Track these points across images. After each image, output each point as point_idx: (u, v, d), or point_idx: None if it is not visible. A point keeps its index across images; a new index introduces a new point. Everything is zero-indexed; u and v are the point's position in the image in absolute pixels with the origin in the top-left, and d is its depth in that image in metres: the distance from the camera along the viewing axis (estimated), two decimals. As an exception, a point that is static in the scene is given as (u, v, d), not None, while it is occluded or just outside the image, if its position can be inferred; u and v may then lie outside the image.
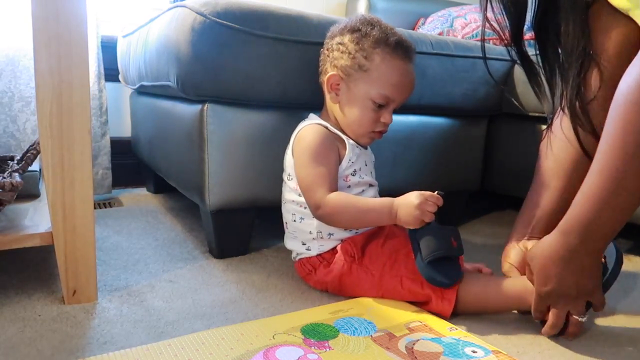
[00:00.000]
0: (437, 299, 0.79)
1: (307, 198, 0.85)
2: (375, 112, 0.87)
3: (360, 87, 0.86)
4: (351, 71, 0.86)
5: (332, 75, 0.87)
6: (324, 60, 0.90)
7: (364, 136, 0.90)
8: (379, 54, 0.85)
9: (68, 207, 0.76)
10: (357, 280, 0.84)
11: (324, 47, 0.92)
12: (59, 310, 0.77)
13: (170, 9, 1.00)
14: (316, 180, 0.83)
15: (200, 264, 1.00)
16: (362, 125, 0.88)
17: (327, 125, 0.89)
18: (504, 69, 1.28)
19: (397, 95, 0.87)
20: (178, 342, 0.67)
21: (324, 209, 0.82)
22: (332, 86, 0.88)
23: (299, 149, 0.87)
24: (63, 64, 0.72)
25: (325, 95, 0.92)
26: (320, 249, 0.88)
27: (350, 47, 0.86)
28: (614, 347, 0.73)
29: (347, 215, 0.82)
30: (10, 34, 1.33)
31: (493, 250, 1.17)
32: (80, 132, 0.75)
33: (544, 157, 0.87)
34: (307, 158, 0.85)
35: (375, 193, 0.94)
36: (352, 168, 0.89)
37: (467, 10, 1.74)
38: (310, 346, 0.67)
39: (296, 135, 0.90)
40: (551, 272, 0.70)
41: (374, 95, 0.85)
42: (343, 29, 0.88)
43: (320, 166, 0.84)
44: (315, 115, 0.93)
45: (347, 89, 0.87)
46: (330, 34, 0.91)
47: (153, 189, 1.60)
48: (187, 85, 0.93)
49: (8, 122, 1.36)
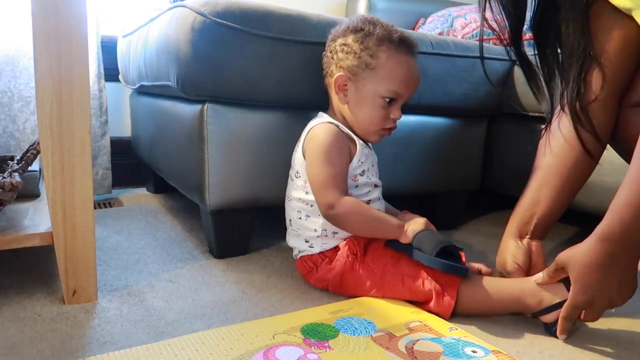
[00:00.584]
0: (437, 298, 0.79)
1: (318, 197, 0.85)
2: (385, 109, 0.88)
3: (368, 85, 0.87)
4: (358, 70, 0.86)
5: (339, 76, 0.88)
6: (328, 62, 0.91)
7: (374, 134, 0.91)
8: (384, 51, 0.86)
9: (68, 207, 0.76)
10: (359, 278, 0.84)
11: (326, 50, 0.92)
12: (59, 310, 0.77)
13: (170, 8, 1.00)
14: (329, 180, 0.84)
15: (200, 264, 1.00)
16: (373, 123, 0.89)
17: (339, 124, 0.89)
18: (503, 69, 1.28)
19: (405, 90, 0.88)
20: (178, 342, 0.67)
21: (338, 209, 0.83)
22: (340, 87, 0.89)
23: (312, 147, 0.87)
24: (63, 64, 0.72)
25: (331, 96, 0.92)
26: (323, 246, 0.88)
27: (355, 47, 0.86)
28: (614, 348, 0.73)
29: (359, 219, 0.84)
30: (10, 33, 1.33)
31: (493, 250, 1.16)
32: (80, 132, 0.75)
33: (543, 155, 0.86)
34: (320, 157, 0.85)
35: (380, 194, 0.94)
36: (361, 168, 0.89)
37: (467, 10, 1.74)
38: (310, 346, 0.67)
39: (308, 133, 0.90)
40: (592, 280, 0.68)
41: (383, 92, 0.86)
42: (345, 30, 0.89)
43: (332, 166, 0.85)
44: (325, 114, 0.93)
45: (355, 89, 0.88)
46: (332, 36, 0.91)
47: (153, 189, 1.60)
48: (187, 85, 0.93)
49: (8, 122, 1.35)
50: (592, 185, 1.14)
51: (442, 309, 0.79)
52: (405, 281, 0.81)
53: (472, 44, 1.22)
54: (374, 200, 0.92)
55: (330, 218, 0.84)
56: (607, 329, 0.79)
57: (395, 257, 0.83)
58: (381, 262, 0.83)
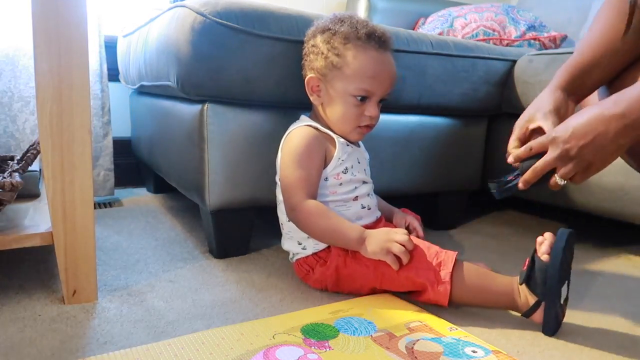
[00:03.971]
0: (432, 287, 0.79)
1: (285, 198, 0.87)
2: (357, 107, 0.87)
3: (337, 85, 0.87)
4: (326, 71, 0.87)
5: (310, 77, 0.89)
6: (304, 64, 0.91)
7: (351, 132, 0.91)
8: (350, 49, 0.85)
9: (68, 207, 0.76)
10: (353, 273, 0.85)
11: (303, 51, 0.92)
12: (59, 310, 0.77)
13: (170, 8, 1.00)
14: (296, 183, 0.85)
15: (200, 264, 1.00)
16: (346, 121, 0.89)
17: (317, 125, 0.90)
18: (503, 69, 1.28)
19: (377, 86, 0.87)
20: (178, 342, 0.67)
21: (299, 212, 0.84)
22: (313, 89, 0.90)
23: (285, 150, 0.89)
24: (63, 64, 0.72)
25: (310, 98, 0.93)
26: (316, 247, 0.88)
27: (322, 47, 0.87)
28: (615, 348, 0.73)
29: (318, 224, 0.84)
30: (10, 33, 1.33)
31: (493, 250, 1.17)
32: (80, 132, 0.75)
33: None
34: (290, 160, 0.86)
35: (370, 190, 0.95)
36: (343, 166, 0.90)
37: (467, 10, 1.74)
38: (310, 346, 0.67)
39: (285, 137, 0.91)
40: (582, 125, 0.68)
41: (352, 90, 0.86)
42: (315, 30, 0.89)
43: (302, 169, 0.85)
44: (305, 117, 0.94)
45: (326, 90, 0.88)
46: (306, 37, 0.92)
47: (153, 189, 1.60)
48: (187, 85, 0.93)
49: (8, 122, 1.35)
50: (592, 185, 1.14)
51: (438, 298, 0.79)
52: (400, 270, 0.81)
53: (472, 44, 1.23)
54: (362, 196, 0.92)
55: (293, 220, 0.86)
56: (607, 329, 0.79)
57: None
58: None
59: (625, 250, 1.22)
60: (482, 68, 1.22)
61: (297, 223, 0.86)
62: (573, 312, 0.84)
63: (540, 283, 0.74)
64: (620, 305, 0.88)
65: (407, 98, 1.13)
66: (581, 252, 1.18)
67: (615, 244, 1.27)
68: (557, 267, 0.73)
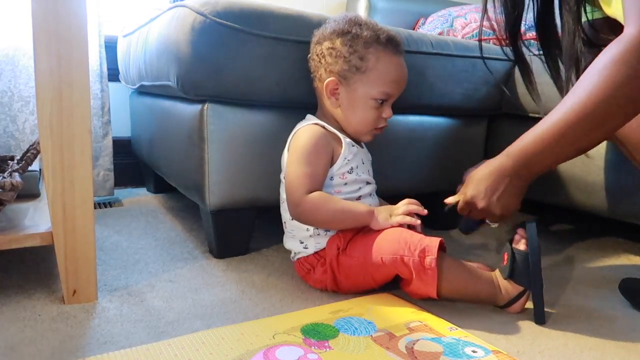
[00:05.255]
0: (418, 274, 0.79)
1: (288, 194, 0.86)
2: (377, 110, 0.89)
3: (360, 88, 0.87)
4: (348, 74, 0.87)
5: (330, 81, 0.88)
6: (317, 66, 0.91)
7: (367, 134, 0.92)
8: (373, 54, 0.86)
9: (68, 207, 0.76)
10: (347, 269, 0.85)
11: (311, 53, 0.92)
12: (59, 310, 0.77)
13: (170, 8, 1.00)
14: (301, 179, 0.85)
15: (200, 264, 1.00)
16: (366, 124, 0.90)
17: (325, 124, 0.90)
18: (504, 69, 1.28)
19: (396, 89, 0.90)
20: (178, 342, 0.67)
21: (303, 205, 0.84)
22: (332, 92, 0.89)
23: (293, 147, 0.89)
24: (63, 64, 0.72)
25: (321, 100, 0.92)
26: (317, 246, 0.88)
27: (343, 50, 0.87)
28: (615, 348, 0.73)
29: (327, 209, 0.84)
30: (10, 33, 1.33)
31: (493, 250, 1.17)
32: (80, 132, 0.75)
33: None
34: (298, 157, 0.86)
35: (372, 190, 0.95)
36: (349, 166, 0.90)
37: (467, 10, 1.74)
38: (310, 346, 0.67)
39: (293, 135, 0.91)
40: (483, 180, 0.83)
41: (375, 94, 0.87)
42: (332, 33, 0.89)
43: (308, 166, 0.85)
44: (312, 116, 0.94)
45: (346, 93, 0.88)
46: (317, 38, 0.91)
47: (153, 189, 1.60)
48: (187, 85, 0.93)
49: (8, 122, 1.35)
50: (592, 185, 1.14)
51: (425, 290, 0.80)
52: (385, 259, 0.81)
53: (472, 44, 1.22)
54: (365, 196, 0.92)
55: (298, 216, 0.86)
56: (607, 329, 0.79)
57: (371, 240, 0.83)
58: (360, 248, 0.84)
59: (625, 250, 1.22)
60: (482, 68, 1.22)
61: (303, 217, 0.85)
62: (573, 312, 0.84)
63: (524, 272, 0.78)
64: (621, 306, 0.88)
65: (407, 98, 1.13)
66: (581, 252, 1.18)
67: (615, 244, 1.27)
68: (537, 254, 0.77)
